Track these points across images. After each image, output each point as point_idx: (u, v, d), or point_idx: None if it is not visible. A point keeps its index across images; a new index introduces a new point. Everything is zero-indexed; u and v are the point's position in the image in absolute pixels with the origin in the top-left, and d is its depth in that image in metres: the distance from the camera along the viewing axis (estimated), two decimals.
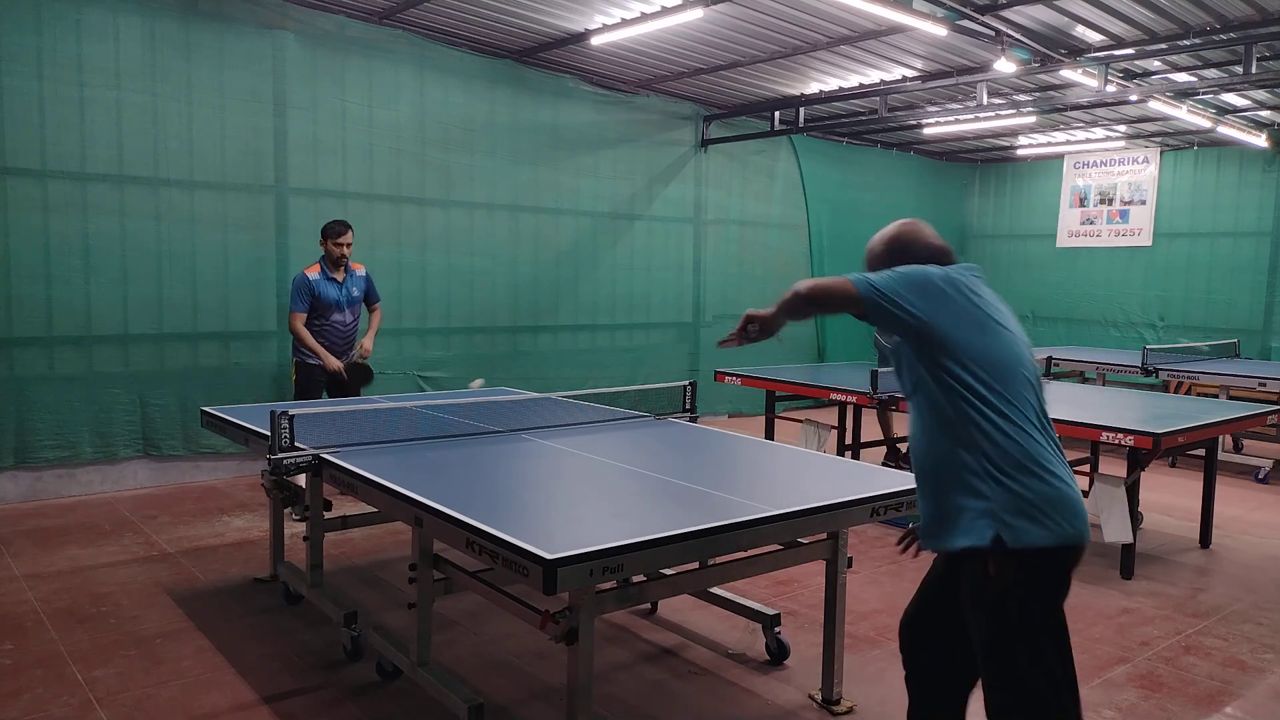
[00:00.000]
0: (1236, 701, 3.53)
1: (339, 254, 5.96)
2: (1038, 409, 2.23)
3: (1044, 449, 2.18)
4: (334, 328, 6.03)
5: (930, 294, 2.20)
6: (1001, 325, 2.25)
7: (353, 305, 6.13)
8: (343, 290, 6.04)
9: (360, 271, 6.21)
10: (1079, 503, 2.19)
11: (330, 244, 5.94)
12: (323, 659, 3.73)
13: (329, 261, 6.00)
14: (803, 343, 11.22)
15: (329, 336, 6.00)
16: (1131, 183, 11.54)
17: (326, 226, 6.01)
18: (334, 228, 5.98)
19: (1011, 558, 2.12)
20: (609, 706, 3.37)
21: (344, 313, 6.07)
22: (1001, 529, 2.12)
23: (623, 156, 9.20)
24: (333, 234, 5.95)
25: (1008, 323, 2.29)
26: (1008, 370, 2.19)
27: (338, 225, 6.00)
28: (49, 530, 5.49)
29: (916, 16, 6.10)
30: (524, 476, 3.43)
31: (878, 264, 2.44)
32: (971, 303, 2.24)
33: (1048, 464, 2.16)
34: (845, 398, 6.17)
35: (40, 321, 6.06)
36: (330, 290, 5.99)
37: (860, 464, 3.78)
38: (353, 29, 7.18)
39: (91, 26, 6.06)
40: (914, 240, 2.45)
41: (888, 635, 4.09)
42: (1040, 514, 2.12)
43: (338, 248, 5.94)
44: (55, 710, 3.25)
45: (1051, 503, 2.13)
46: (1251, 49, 6.61)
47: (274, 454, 3.53)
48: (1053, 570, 2.17)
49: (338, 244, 5.94)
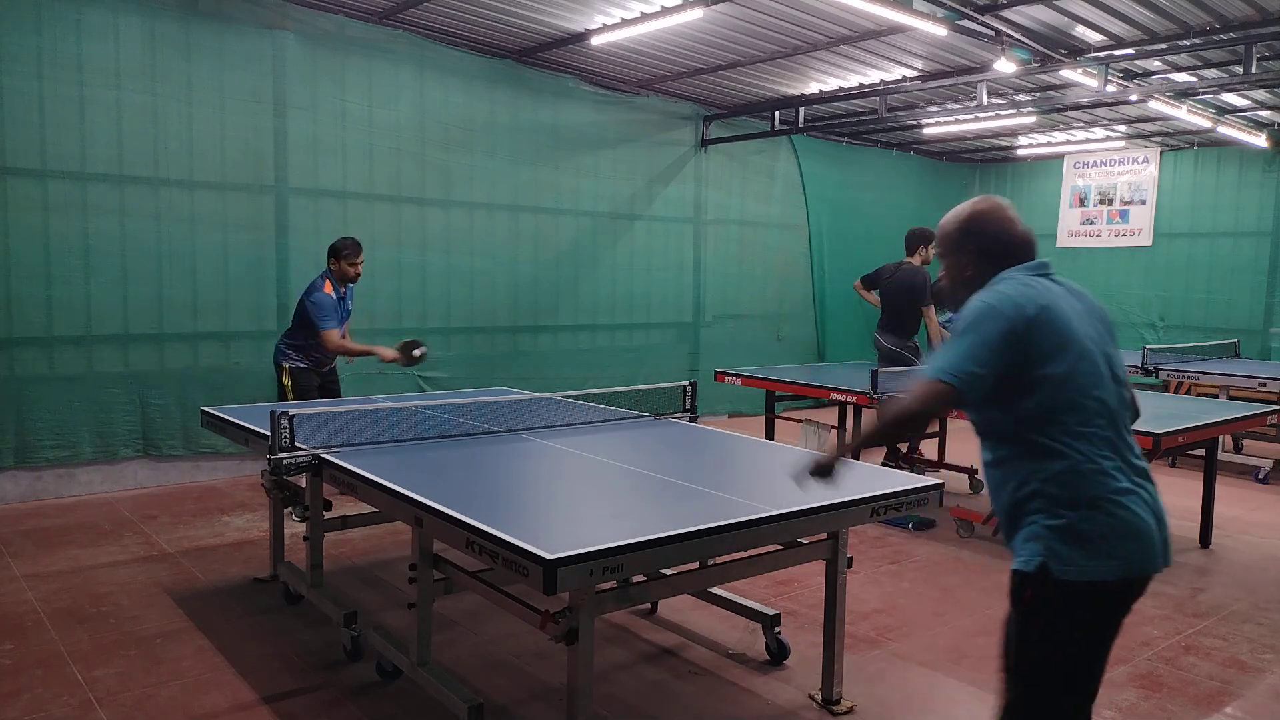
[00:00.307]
0: (1236, 701, 3.53)
1: (355, 275, 5.88)
2: (1112, 431, 2.09)
3: (1110, 476, 2.05)
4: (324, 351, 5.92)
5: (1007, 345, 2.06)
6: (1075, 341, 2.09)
7: (348, 319, 6.10)
8: (344, 306, 6.00)
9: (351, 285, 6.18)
10: (1143, 532, 2.06)
11: (346, 265, 5.81)
12: (323, 659, 3.73)
13: (339, 280, 5.88)
14: (803, 343, 11.22)
15: (322, 351, 5.90)
16: (1131, 183, 11.53)
17: (340, 246, 5.83)
18: (351, 249, 5.83)
19: (1055, 587, 2.05)
20: (609, 706, 3.37)
21: (344, 327, 6.06)
22: (1050, 558, 2.06)
23: (623, 156, 9.20)
24: (348, 255, 5.82)
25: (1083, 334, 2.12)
26: (1077, 395, 2.07)
27: (355, 247, 5.85)
28: (49, 530, 5.49)
29: (916, 16, 6.10)
30: (524, 476, 3.43)
31: (950, 246, 2.34)
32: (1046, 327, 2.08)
33: (1111, 493, 2.04)
34: (845, 398, 6.17)
35: (40, 321, 6.06)
36: (340, 308, 5.94)
37: (860, 464, 3.77)
38: (353, 29, 7.18)
39: (91, 26, 6.06)
40: (989, 223, 2.28)
41: (888, 635, 4.09)
42: (1093, 546, 2.03)
43: (353, 268, 5.84)
44: (55, 710, 3.25)
45: (1111, 536, 2.03)
46: (1251, 49, 6.62)
47: (274, 454, 3.53)
48: (1100, 604, 2.09)
49: (354, 264, 5.83)
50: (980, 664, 3.81)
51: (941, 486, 3.22)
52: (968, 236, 2.30)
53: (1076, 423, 2.06)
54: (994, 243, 2.27)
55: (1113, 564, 2.04)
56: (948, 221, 2.37)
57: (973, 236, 2.30)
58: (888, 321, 7.32)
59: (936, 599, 4.59)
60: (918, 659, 3.85)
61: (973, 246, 2.29)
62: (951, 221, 2.36)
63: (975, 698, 3.51)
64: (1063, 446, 2.05)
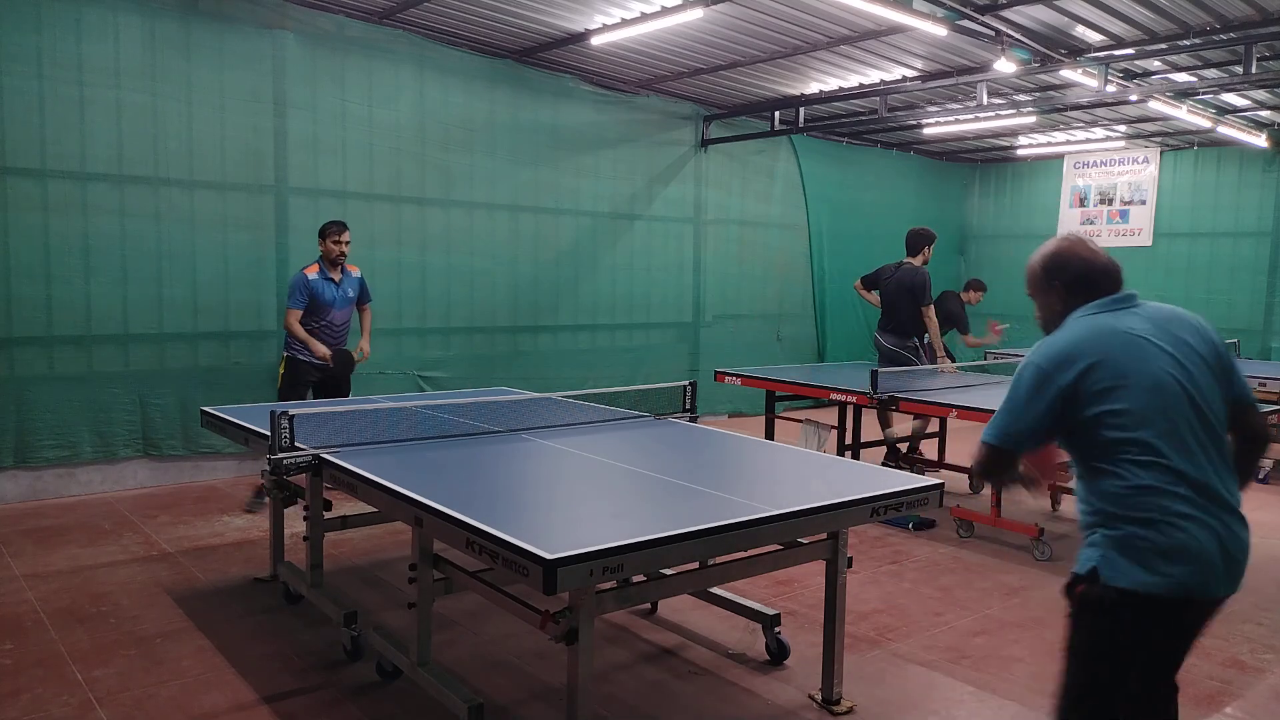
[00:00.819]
0: (1236, 701, 3.53)
1: (337, 253, 6.01)
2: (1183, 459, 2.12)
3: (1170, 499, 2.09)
4: (328, 327, 6.07)
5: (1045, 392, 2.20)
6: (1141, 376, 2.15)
7: (346, 306, 6.17)
8: (339, 291, 6.08)
9: (355, 273, 6.25)
10: (1200, 554, 2.09)
11: (329, 243, 5.99)
12: (323, 659, 3.73)
13: (327, 261, 6.04)
14: (803, 343, 11.22)
15: (322, 336, 6.03)
16: (1131, 183, 11.53)
17: (325, 226, 6.05)
18: (332, 227, 6.03)
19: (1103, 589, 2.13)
20: (609, 706, 3.37)
21: (339, 312, 6.11)
22: (1101, 563, 2.14)
23: (623, 156, 9.19)
24: (331, 233, 6.00)
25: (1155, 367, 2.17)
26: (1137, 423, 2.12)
27: (336, 225, 6.04)
28: (49, 530, 5.49)
29: (916, 16, 6.10)
30: (524, 476, 3.43)
31: (1036, 285, 2.43)
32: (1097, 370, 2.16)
33: (1170, 515, 2.08)
34: (845, 398, 6.16)
35: (40, 321, 6.06)
36: (327, 290, 6.02)
37: (860, 464, 3.78)
38: (352, 29, 7.18)
39: (91, 26, 6.06)
40: (1071, 259, 2.37)
41: (888, 635, 4.09)
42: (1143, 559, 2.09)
43: (336, 246, 5.99)
44: (55, 710, 3.25)
45: (1162, 553, 2.08)
46: (1251, 49, 6.61)
47: (274, 454, 3.53)
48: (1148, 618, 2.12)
49: (337, 242, 5.99)
50: (980, 664, 3.81)
51: (941, 486, 3.22)
52: (1051, 274, 2.39)
53: (1139, 451, 2.12)
54: (1077, 278, 2.35)
55: (1162, 580, 2.08)
56: (1033, 261, 2.45)
57: (1055, 273, 2.38)
58: (888, 322, 7.32)
59: (936, 599, 4.59)
60: (918, 659, 3.85)
61: (1058, 283, 2.37)
62: (1036, 261, 2.44)
63: (975, 698, 3.51)
64: (1125, 472, 2.13)
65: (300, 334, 5.95)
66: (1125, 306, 2.30)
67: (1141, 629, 2.14)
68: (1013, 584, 4.82)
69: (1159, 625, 2.14)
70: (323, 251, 6.04)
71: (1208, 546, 2.10)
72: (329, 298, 6.02)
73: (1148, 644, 2.18)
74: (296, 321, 5.95)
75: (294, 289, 5.98)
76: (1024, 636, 4.12)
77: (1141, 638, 2.15)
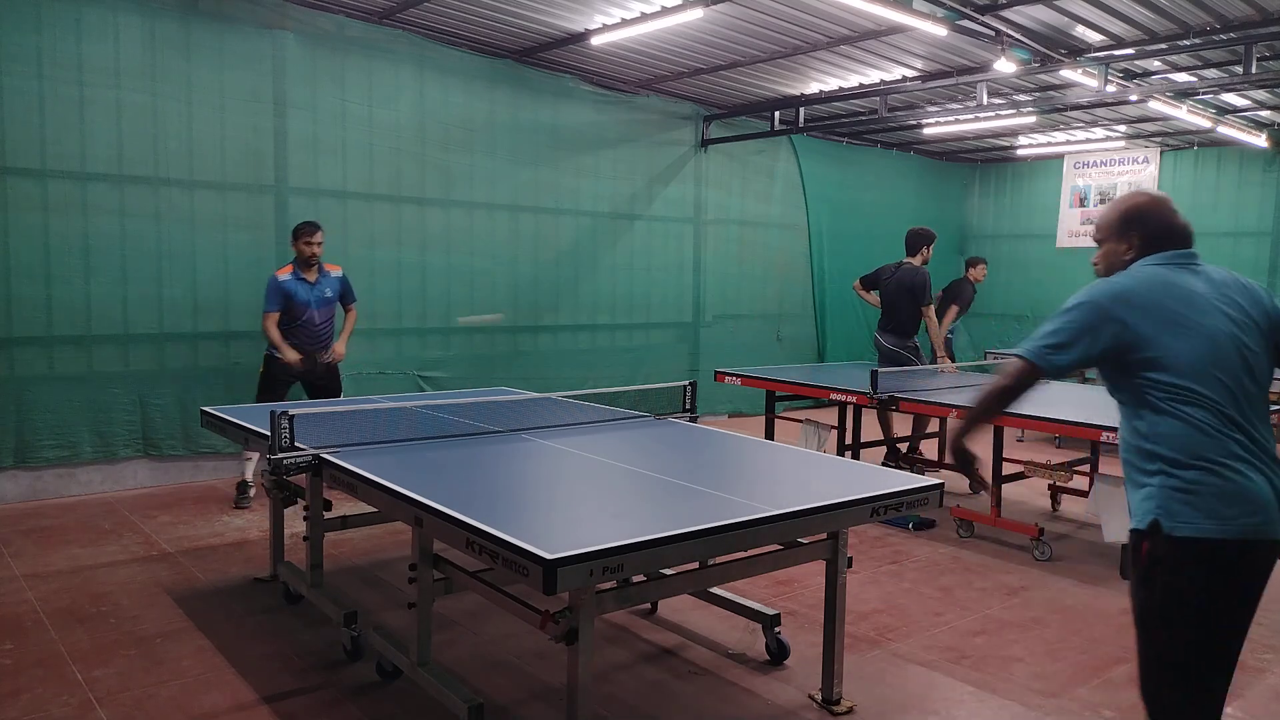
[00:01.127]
0: (1236, 702, 3.53)
1: (309, 254, 6.00)
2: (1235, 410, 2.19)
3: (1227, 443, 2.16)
4: (305, 328, 6.05)
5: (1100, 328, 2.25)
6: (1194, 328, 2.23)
7: (325, 306, 6.14)
8: (314, 291, 6.06)
9: (335, 273, 6.23)
10: (1258, 496, 2.15)
11: (301, 244, 5.99)
12: (323, 659, 3.73)
13: (300, 262, 6.04)
14: (803, 343, 11.22)
15: (299, 336, 6.04)
16: (1131, 183, 11.53)
17: (297, 228, 6.06)
18: (304, 228, 6.02)
19: (1166, 543, 2.17)
20: (609, 706, 3.37)
21: (316, 313, 6.09)
22: (1161, 514, 2.18)
23: (623, 156, 9.20)
24: (303, 234, 5.99)
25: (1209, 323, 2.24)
26: (1193, 370, 2.19)
27: (308, 226, 6.04)
28: (49, 530, 5.49)
29: (916, 16, 6.10)
30: (524, 476, 3.42)
31: (1109, 233, 2.46)
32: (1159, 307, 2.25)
33: (1226, 456, 2.15)
34: (845, 398, 6.16)
35: (40, 321, 6.06)
36: (301, 291, 6.01)
37: (860, 464, 3.78)
38: (352, 29, 7.18)
39: (91, 26, 6.06)
40: (1153, 213, 2.44)
41: (888, 635, 4.09)
42: (1204, 505, 2.13)
43: (308, 247, 5.98)
44: (55, 710, 3.25)
45: (1223, 496, 2.13)
46: (1251, 49, 6.62)
47: (274, 454, 3.53)
48: (1215, 564, 2.16)
49: (308, 243, 5.98)
50: (980, 664, 3.81)
51: (941, 486, 3.22)
52: (1130, 224, 2.43)
53: (1196, 397, 2.18)
54: (1156, 233, 2.41)
55: (1222, 524, 2.13)
56: (1113, 208, 2.49)
57: (1136, 224, 2.43)
58: (888, 321, 7.32)
59: (936, 599, 4.59)
60: (918, 659, 3.85)
61: (1135, 234, 2.42)
62: (1117, 209, 2.49)
63: (975, 698, 3.51)
64: (1181, 413, 2.19)
65: (274, 338, 5.96)
66: (1187, 264, 2.37)
67: (1216, 577, 2.17)
68: (1013, 584, 4.82)
69: (1230, 572, 2.19)
70: (295, 253, 6.05)
71: (1264, 487, 2.16)
72: (303, 299, 6.01)
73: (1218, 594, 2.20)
74: (273, 325, 5.97)
75: (268, 292, 5.99)
76: (1024, 636, 4.12)
77: (1215, 587, 2.18)
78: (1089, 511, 4.99)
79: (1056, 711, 3.42)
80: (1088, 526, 5.90)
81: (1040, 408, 5.37)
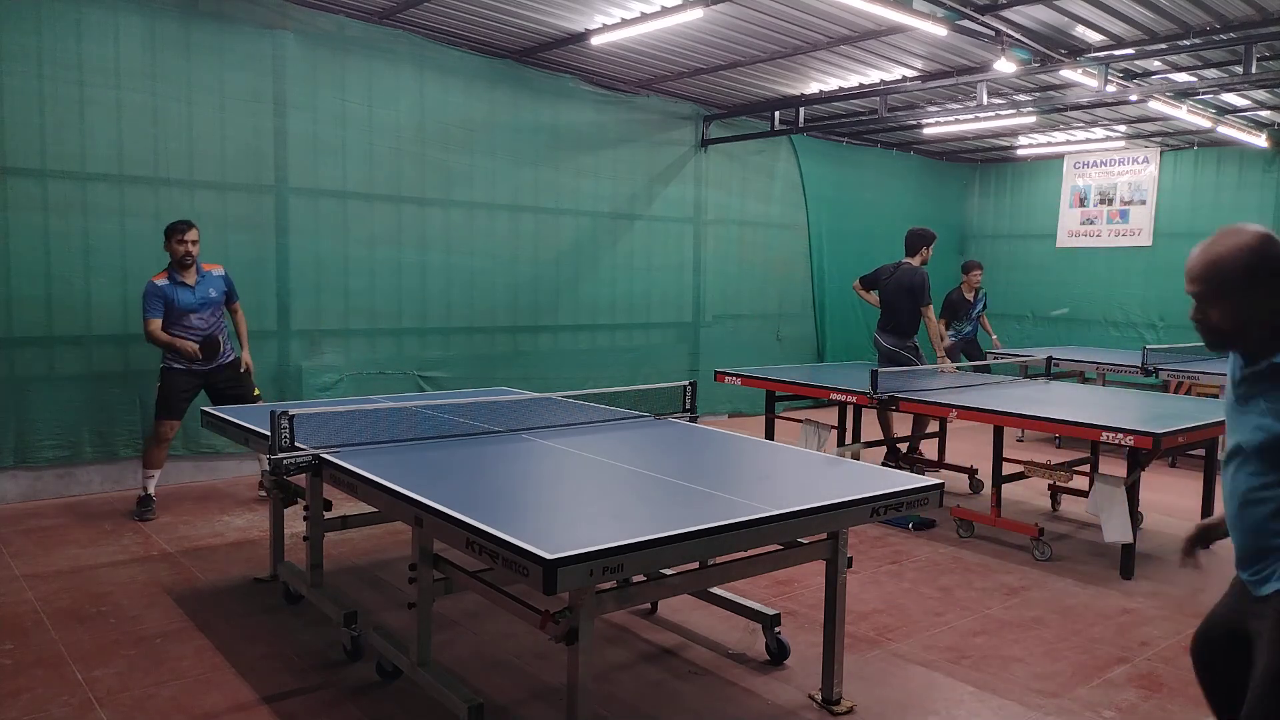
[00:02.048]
0: None
1: (182, 252, 5.73)
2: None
3: None
4: (190, 333, 5.80)
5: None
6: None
7: (207, 308, 5.87)
8: (195, 294, 5.81)
9: (217, 271, 5.97)
10: None
11: (174, 243, 5.73)
12: (323, 659, 3.73)
13: (175, 264, 5.78)
14: (802, 343, 11.22)
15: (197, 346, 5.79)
16: (1131, 183, 11.54)
17: (169, 227, 5.78)
18: (177, 226, 5.76)
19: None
20: (609, 706, 3.37)
21: (199, 316, 5.84)
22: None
23: (623, 156, 9.20)
24: (175, 233, 5.73)
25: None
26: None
27: (181, 224, 5.77)
28: (49, 530, 5.49)
29: (916, 16, 6.10)
30: (524, 476, 3.42)
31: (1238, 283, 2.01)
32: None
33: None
34: (845, 398, 6.16)
35: (40, 321, 6.06)
36: (181, 295, 5.76)
37: (860, 464, 3.77)
38: (352, 29, 7.18)
39: (91, 26, 6.06)
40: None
41: (888, 635, 4.09)
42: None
43: (181, 245, 5.71)
44: (55, 710, 3.25)
45: None
46: (1251, 49, 6.61)
47: (274, 454, 3.53)
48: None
49: (181, 242, 5.71)
50: (980, 664, 3.81)
51: (941, 486, 3.22)
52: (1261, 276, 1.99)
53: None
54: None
55: None
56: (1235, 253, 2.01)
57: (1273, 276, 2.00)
58: (887, 321, 7.33)
59: (936, 599, 4.59)
60: (918, 659, 3.85)
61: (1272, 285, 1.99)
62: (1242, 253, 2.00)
63: (975, 698, 3.51)
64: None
65: (163, 339, 5.72)
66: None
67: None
68: (1013, 584, 4.83)
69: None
70: (170, 254, 5.77)
71: None
72: (184, 302, 5.76)
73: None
74: (158, 329, 5.72)
75: (146, 299, 5.71)
76: (1024, 636, 4.12)
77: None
78: (1089, 511, 4.99)
79: (1056, 711, 3.42)
80: (1088, 526, 5.90)
81: (1040, 408, 5.38)
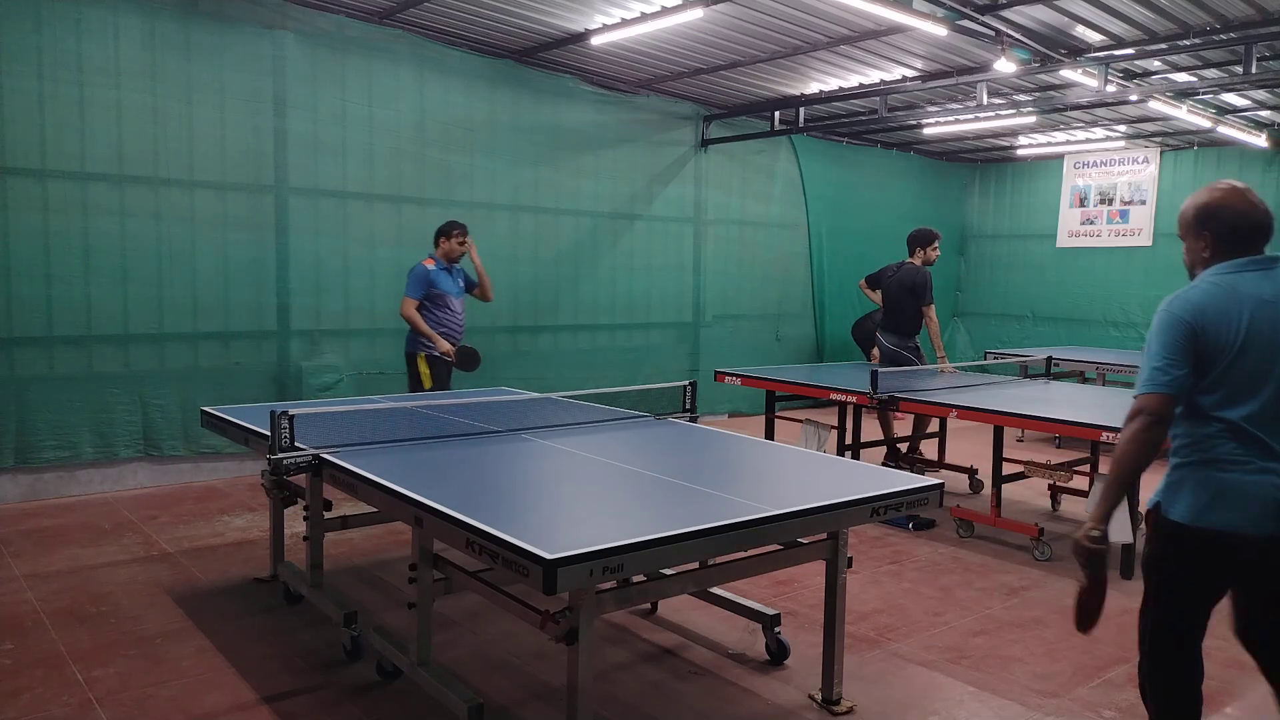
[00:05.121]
0: (1236, 702, 3.53)
1: (461, 253, 6.46)
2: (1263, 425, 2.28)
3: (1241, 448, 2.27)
4: (452, 316, 6.46)
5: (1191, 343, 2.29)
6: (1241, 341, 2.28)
7: (461, 295, 6.58)
8: (454, 281, 6.49)
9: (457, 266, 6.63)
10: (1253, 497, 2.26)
11: (453, 242, 6.40)
12: (323, 659, 3.73)
13: (444, 257, 6.43)
14: (803, 343, 11.22)
15: (448, 325, 6.43)
16: (1131, 183, 11.53)
17: (446, 228, 6.44)
18: (456, 226, 6.46)
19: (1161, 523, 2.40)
20: (609, 706, 3.37)
21: (459, 301, 6.52)
22: (1164, 499, 2.40)
23: (623, 156, 9.19)
24: (456, 231, 6.42)
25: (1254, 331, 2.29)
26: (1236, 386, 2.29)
27: (459, 225, 6.48)
28: (49, 530, 5.49)
29: (916, 16, 6.10)
30: (524, 476, 3.42)
31: (1187, 229, 2.46)
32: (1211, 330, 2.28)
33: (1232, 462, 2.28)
34: (845, 398, 6.16)
35: (40, 321, 6.06)
36: (447, 281, 6.43)
37: (860, 464, 3.78)
38: (352, 29, 7.18)
39: (91, 26, 6.06)
40: (1224, 209, 2.40)
41: (888, 635, 4.09)
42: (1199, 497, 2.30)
43: (462, 246, 6.43)
44: (55, 710, 3.25)
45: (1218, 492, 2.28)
46: (1251, 49, 6.61)
47: (274, 454, 3.53)
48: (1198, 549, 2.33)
49: (463, 243, 6.43)
50: (980, 664, 3.81)
51: (941, 486, 3.22)
52: (1203, 222, 2.42)
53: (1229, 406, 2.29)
54: (1227, 230, 2.39)
55: (1210, 516, 2.29)
56: (1188, 205, 2.48)
57: (1207, 222, 2.42)
58: (889, 321, 7.33)
59: (936, 599, 4.59)
60: (918, 659, 3.85)
61: (1208, 232, 2.41)
62: (1190, 206, 2.47)
63: (975, 698, 3.51)
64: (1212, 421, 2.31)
65: (422, 326, 6.31)
66: (1261, 269, 2.36)
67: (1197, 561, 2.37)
68: (1013, 584, 4.83)
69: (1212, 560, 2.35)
70: (446, 252, 6.41)
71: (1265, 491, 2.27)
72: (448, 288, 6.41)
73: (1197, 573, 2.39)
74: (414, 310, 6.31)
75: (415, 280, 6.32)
76: (1024, 636, 4.12)
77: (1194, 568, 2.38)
78: (1089, 511, 4.99)
79: (1056, 711, 3.42)
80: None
81: (1040, 408, 5.38)
